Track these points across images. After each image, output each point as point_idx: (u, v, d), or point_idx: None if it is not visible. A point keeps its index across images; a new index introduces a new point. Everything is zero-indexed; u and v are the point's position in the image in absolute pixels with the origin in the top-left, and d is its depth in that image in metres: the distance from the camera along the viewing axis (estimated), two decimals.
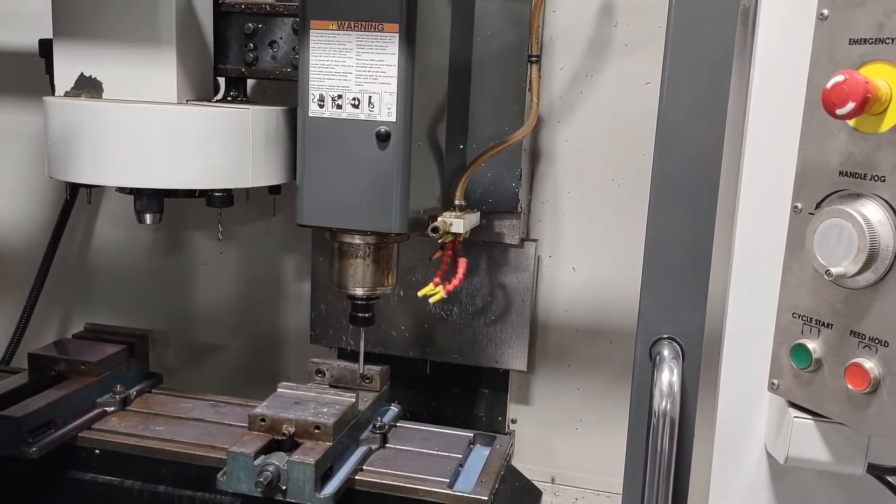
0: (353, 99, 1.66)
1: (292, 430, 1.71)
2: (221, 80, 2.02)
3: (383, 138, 1.65)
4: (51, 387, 1.96)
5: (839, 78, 0.99)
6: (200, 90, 1.89)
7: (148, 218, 1.87)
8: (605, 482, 2.35)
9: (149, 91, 1.79)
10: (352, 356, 2.38)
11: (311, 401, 1.81)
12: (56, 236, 2.47)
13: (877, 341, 1.02)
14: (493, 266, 2.22)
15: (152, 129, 1.76)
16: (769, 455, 1.23)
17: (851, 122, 1.03)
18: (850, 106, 0.98)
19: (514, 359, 2.25)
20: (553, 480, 2.40)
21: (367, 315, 1.88)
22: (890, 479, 1.19)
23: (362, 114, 1.66)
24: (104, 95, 1.81)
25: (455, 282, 1.90)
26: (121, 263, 2.59)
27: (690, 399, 1.26)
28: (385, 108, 1.64)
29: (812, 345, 1.09)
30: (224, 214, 2.05)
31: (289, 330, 2.53)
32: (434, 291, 1.89)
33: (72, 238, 2.56)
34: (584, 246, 2.27)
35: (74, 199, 2.41)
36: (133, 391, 2.08)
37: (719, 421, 1.25)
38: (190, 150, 1.77)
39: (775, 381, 1.16)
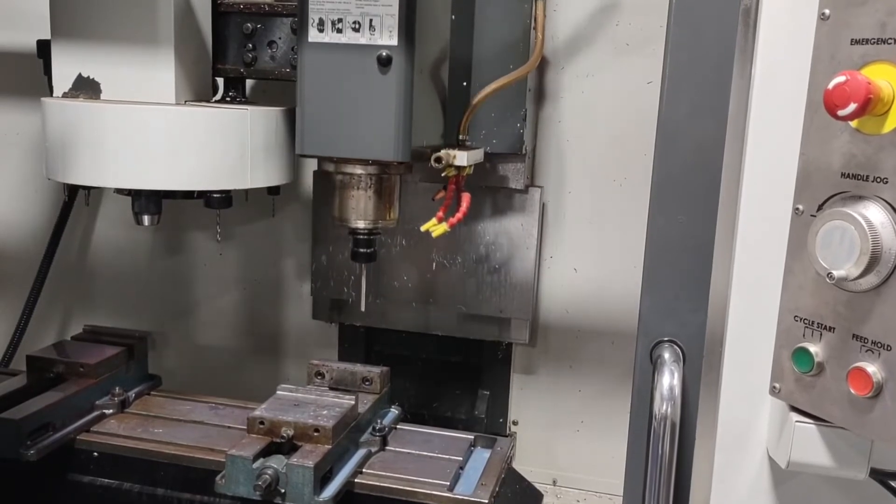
0: (354, 22, 1.63)
1: (291, 432, 1.70)
2: (219, 81, 2.01)
3: (384, 62, 1.62)
4: (49, 389, 1.95)
5: (841, 78, 0.98)
6: (199, 91, 1.89)
7: (146, 219, 1.87)
8: (607, 484, 2.34)
9: (147, 92, 1.79)
10: (352, 355, 2.38)
11: (310, 403, 1.80)
12: (55, 238, 2.46)
13: (879, 345, 1.01)
14: (497, 212, 2.18)
15: (150, 130, 1.75)
16: (771, 459, 1.22)
17: (853, 124, 1.02)
18: (852, 107, 0.97)
19: (519, 309, 2.21)
20: (555, 482, 2.39)
21: (368, 251, 1.87)
22: (893, 483, 1.18)
23: (363, 38, 1.63)
24: (102, 96, 1.81)
25: (458, 215, 1.88)
26: (120, 265, 2.58)
27: (691, 402, 1.25)
28: (386, 31, 1.62)
29: (814, 348, 1.08)
30: (223, 215, 2.05)
31: (289, 331, 2.52)
32: (437, 226, 1.86)
33: (71, 239, 2.56)
34: (586, 246, 2.26)
35: (73, 200, 2.40)
36: (132, 393, 2.07)
37: (721, 424, 1.24)
38: (188, 151, 1.76)
39: (777, 385, 1.15)
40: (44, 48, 1.91)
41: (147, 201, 1.86)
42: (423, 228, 1.87)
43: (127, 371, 2.11)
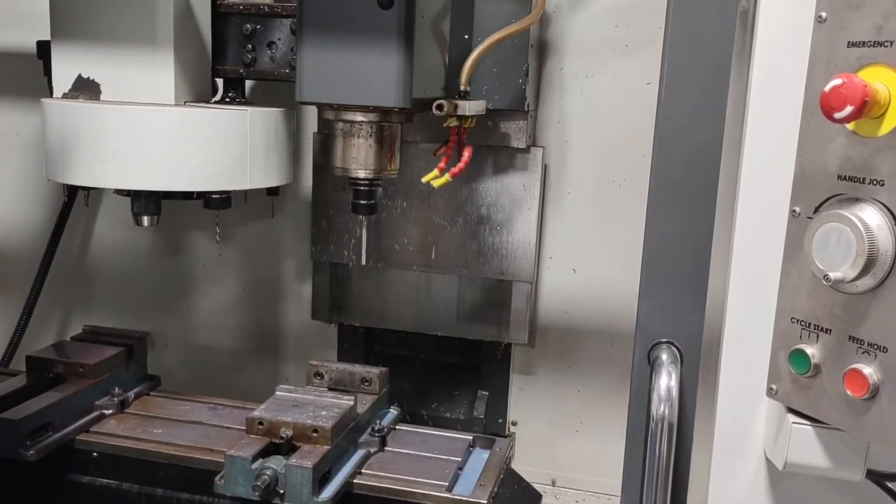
0: None
1: (290, 433, 1.70)
2: (219, 81, 2.01)
3: (385, 5, 1.61)
4: (49, 389, 1.95)
5: (837, 81, 0.98)
6: (199, 91, 1.89)
7: (145, 220, 1.87)
8: (606, 484, 2.34)
9: (147, 93, 1.79)
10: (351, 356, 2.39)
11: (309, 404, 1.80)
12: (55, 238, 2.46)
13: (876, 347, 1.01)
14: (498, 172, 2.17)
15: (150, 130, 1.75)
16: (768, 460, 1.22)
17: (850, 126, 1.02)
18: (849, 110, 0.97)
19: (521, 270, 2.20)
20: (554, 483, 2.39)
21: (369, 202, 1.85)
22: (889, 484, 1.18)
23: None
24: (102, 97, 1.81)
25: (460, 165, 1.86)
26: (120, 265, 2.58)
27: (689, 403, 1.25)
28: None
29: (811, 350, 1.08)
30: (222, 216, 2.05)
31: (288, 332, 2.52)
32: (438, 177, 1.85)
33: (71, 240, 2.56)
34: (585, 247, 2.26)
35: (73, 200, 2.41)
36: (131, 393, 2.08)
37: (718, 425, 1.24)
38: (188, 151, 1.76)
39: (774, 387, 1.15)
40: (43, 49, 1.92)
41: (146, 202, 1.86)
42: (424, 180, 1.86)
43: (126, 371, 2.12)
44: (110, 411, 2.01)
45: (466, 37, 1.94)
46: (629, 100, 2.13)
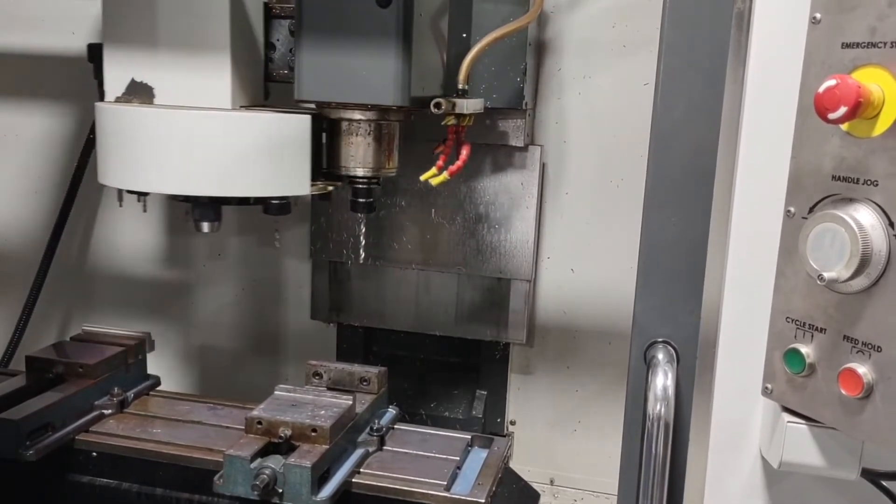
0: None
1: (289, 432, 1.70)
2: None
3: (383, 4, 1.61)
4: (49, 389, 1.95)
5: (831, 82, 0.99)
6: (253, 95, 1.84)
7: (205, 226, 1.83)
8: (604, 483, 2.35)
9: (202, 97, 1.73)
10: (350, 355, 2.39)
11: (308, 403, 1.81)
12: (55, 238, 2.47)
13: (870, 346, 1.01)
14: (497, 170, 2.18)
15: (209, 135, 1.70)
16: (764, 459, 1.23)
17: (844, 127, 1.03)
18: (842, 110, 0.97)
19: (519, 269, 2.21)
20: (552, 482, 2.40)
21: (368, 200, 1.85)
22: (884, 483, 1.19)
23: None
24: (155, 101, 1.76)
25: (458, 163, 1.87)
26: (119, 265, 2.59)
27: (685, 403, 1.25)
28: None
29: (805, 349, 1.09)
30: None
31: (287, 332, 2.53)
32: (436, 175, 1.85)
33: (71, 240, 2.56)
34: (583, 247, 2.27)
35: (73, 201, 2.41)
36: (131, 393, 2.08)
37: (714, 425, 1.25)
38: (248, 157, 1.71)
39: (769, 386, 1.15)
40: (95, 52, 1.85)
41: (206, 208, 1.80)
42: (422, 178, 1.86)
43: (126, 371, 2.12)
44: (110, 411, 2.01)
45: (465, 35, 1.94)
46: (627, 100, 2.14)
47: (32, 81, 2.51)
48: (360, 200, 1.86)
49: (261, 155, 1.72)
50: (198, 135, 1.69)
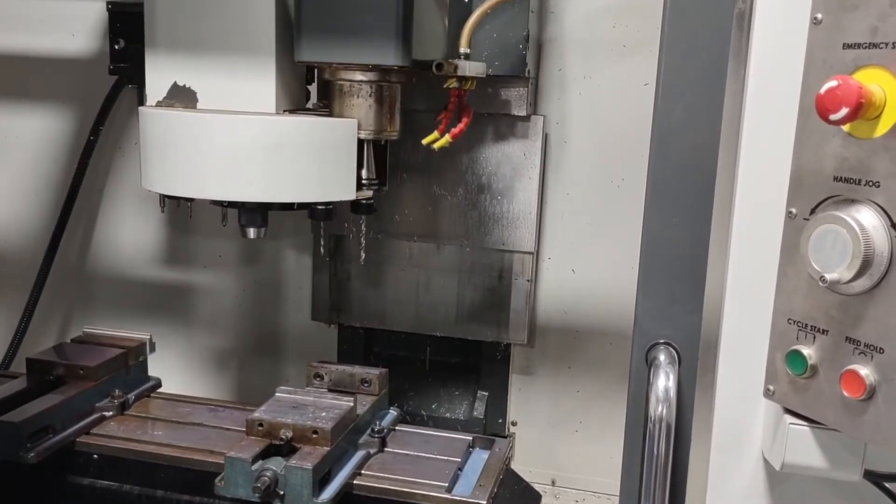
0: None
1: (290, 434, 1.70)
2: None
3: None
4: (49, 391, 1.95)
5: (832, 83, 0.98)
6: (295, 99, 1.82)
7: (251, 232, 1.82)
8: (605, 484, 2.35)
9: (245, 101, 1.71)
10: (351, 356, 2.39)
11: (309, 405, 1.81)
12: (55, 240, 2.47)
13: (872, 348, 1.01)
14: (499, 140, 2.16)
15: (254, 140, 1.67)
16: (766, 461, 1.22)
17: (845, 128, 1.02)
18: (844, 111, 0.97)
19: (522, 240, 2.20)
20: (553, 483, 2.40)
21: (368, 201, 1.85)
22: (887, 485, 1.19)
23: None
24: (199, 105, 1.73)
25: (461, 126, 1.85)
26: (120, 267, 2.59)
27: (687, 404, 1.25)
28: None
29: (807, 351, 1.09)
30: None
31: (288, 333, 2.53)
32: (438, 139, 1.84)
33: (71, 242, 2.56)
34: (584, 248, 2.27)
35: (73, 202, 2.41)
36: (132, 395, 2.08)
37: (716, 426, 1.24)
38: (294, 161, 1.69)
39: (771, 387, 1.15)
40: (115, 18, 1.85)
41: (253, 214, 1.79)
42: (424, 142, 1.85)
43: (127, 373, 2.12)
44: (111, 413, 2.01)
45: (467, 0, 1.92)
46: (628, 101, 2.13)
47: (33, 82, 2.51)
48: (361, 202, 1.86)
49: (307, 159, 1.70)
50: (243, 139, 1.67)
